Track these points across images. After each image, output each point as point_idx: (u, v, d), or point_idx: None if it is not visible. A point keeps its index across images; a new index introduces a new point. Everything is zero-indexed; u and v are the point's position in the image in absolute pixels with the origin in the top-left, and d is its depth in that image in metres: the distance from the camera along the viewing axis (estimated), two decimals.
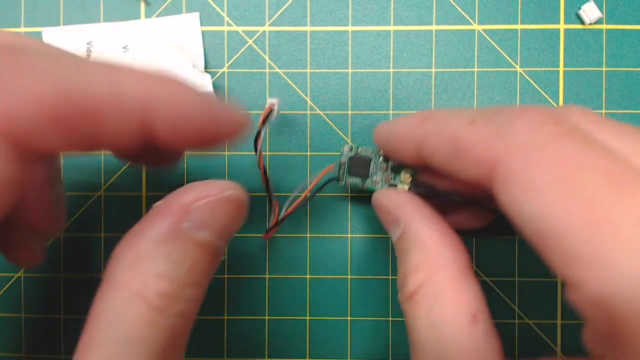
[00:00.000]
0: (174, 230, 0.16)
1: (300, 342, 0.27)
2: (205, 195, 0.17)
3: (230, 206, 0.17)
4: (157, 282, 0.15)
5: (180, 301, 0.16)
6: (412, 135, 0.20)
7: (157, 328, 0.15)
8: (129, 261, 0.16)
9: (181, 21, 0.28)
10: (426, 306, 0.18)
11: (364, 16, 0.28)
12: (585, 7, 0.27)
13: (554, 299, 0.27)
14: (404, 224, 0.20)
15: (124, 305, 0.15)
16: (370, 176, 0.24)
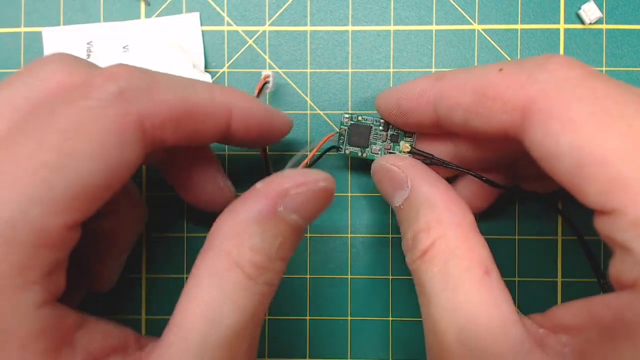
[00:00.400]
0: (270, 211, 0.18)
1: (300, 342, 0.27)
2: (302, 184, 0.19)
3: (321, 196, 0.19)
4: (253, 254, 0.18)
5: (269, 272, 0.18)
6: (429, 92, 0.20)
7: (249, 292, 0.18)
8: (230, 233, 0.18)
9: (181, 21, 0.28)
10: (440, 262, 0.18)
11: (364, 16, 0.28)
12: (585, 7, 0.27)
13: (554, 299, 0.27)
14: (412, 185, 0.21)
15: (224, 270, 0.18)
16: (369, 145, 0.24)
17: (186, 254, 0.27)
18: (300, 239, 0.20)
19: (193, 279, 0.18)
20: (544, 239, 0.27)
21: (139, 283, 0.28)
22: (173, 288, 0.27)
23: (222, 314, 0.17)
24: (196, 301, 0.17)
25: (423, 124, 0.22)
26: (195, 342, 0.17)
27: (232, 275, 0.18)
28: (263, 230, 0.18)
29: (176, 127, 0.18)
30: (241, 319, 0.17)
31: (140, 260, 0.28)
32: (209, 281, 0.18)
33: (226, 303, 0.17)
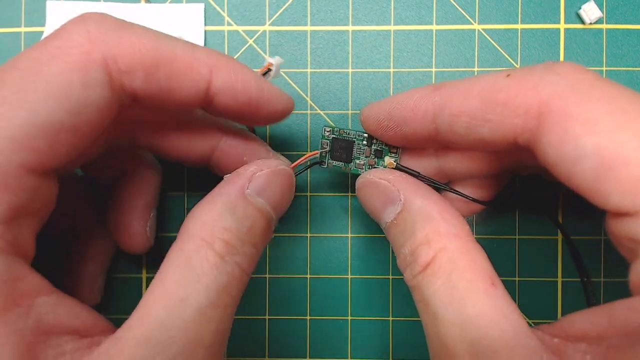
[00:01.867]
0: (239, 193, 0.19)
1: (300, 342, 0.27)
2: (264, 168, 0.20)
3: (282, 178, 0.21)
4: (223, 232, 0.18)
5: (239, 254, 0.18)
6: (427, 101, 0.19)
7: (218, 271, 0.18)
8: (201, 217, 0.18)
9: (185, 10, 0.28)
10: (443, 275, 0.18)
11: (364, 16, 0.28)
12: (585, 6, 0.27)
13: (554, 299, 0.27)
14: (406, 198, 0.20)
15: (193, 251, 0.18)
16: (352, 160, 0.24)
17: None
18: (271, 232, 0.21)
19: (164, 265, 0.18)
20: (544, 239, 0.27)
21: (139, 283, 0.28)
22: None
23: (188, 294, 0.17)
24: (163, 282, 0.17)
25: (417, 136, 0.21)
26: (156, 320, 0.16)
27: (201, 254, 0.18)
28: (233, 211, 0.19)
29: (147, 75, 0.18)
30: (208, 299, 0.17)
31: (140, 260, 0.28)
32: (176, 263, 0.17)
33: (192, 282, 0.17)
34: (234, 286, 0.18)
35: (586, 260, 0.26)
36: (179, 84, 0.18)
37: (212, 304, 0.17)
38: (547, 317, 0.27)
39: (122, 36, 0.17)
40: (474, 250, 0.18)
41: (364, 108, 0.22)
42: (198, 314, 0.17)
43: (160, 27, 0.27)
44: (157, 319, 0.16)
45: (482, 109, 0.18)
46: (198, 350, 0.17)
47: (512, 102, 0.17)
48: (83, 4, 0.27)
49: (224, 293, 0.18)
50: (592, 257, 0.27)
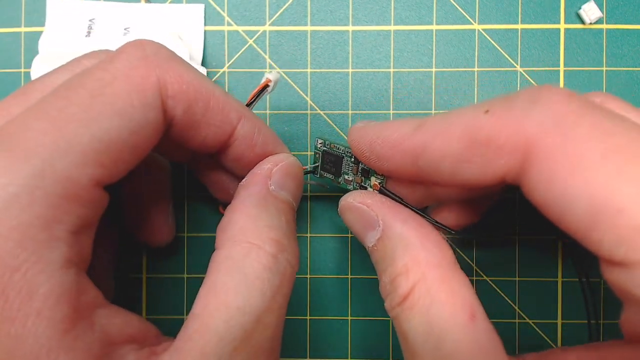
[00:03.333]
0: (266, 191, 0.20)
1: (301, 342, 0.27)
2: (278, 162, 0.21)
3: (295, 169, 0.21)
4: (269, 231, 0.18)
5: (287, 250, 0.18)
6: (408, 142, 0.18)
7: (272, 274, 0.17)
8: (240, 222, 0.18)
9: (185, 11, 0.28)
10: (421, 308, 0.17)
11: (364, 16, 0.28)
12: (585, 6, 0.27)
13: (554, 299, 0.27)
14: (384, 224, 0.19)
15: (244, 256, 0.17)
16: (342, 175, 0.23)
17: (186, 254, 0.27)
18: (295, 219, 0.21)
19: (212, 273, 0.18)
20: (544, 239, 0.27)
21: (139, 283, 0.28)
22: (173, 288, 0.27)
23: (245, 302, 0.17)
24: (216, 290, 0.17)
25: (399, 173, 0.20)
26: (216, 332, 0.16)
27: (253, 258, 0.17)
28: (267, 208, 0.19)
29: (188, 105, 0.18)
30: (264, 303, 0.17)
31: (140, 260, 0.28)
32: (228, 269, 0.17)
33: (248, 289, 0.17)
34: (286, 285, 0.18)
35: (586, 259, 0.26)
36: (210, 121, 0.19)
37: (268, 308, 0.17)
38: (547, 317, 0.27)
39: (173, 64, 0.18)
40: (455, 279, 0.18)
41: (352, 129, 0.21)
42: (256, 321, 0.17)
43: (161, 27, 0.27)
44: (217, 331, 0.16)
45: (465, 152, 0.16)
46: (258, 358, 0.17)
47: (495, 142, 0.16)
48: (83, 4, 0.27)
49: (278, 294, 0.18)
50: None
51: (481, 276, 0.27)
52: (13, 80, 0.28)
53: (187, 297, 0.27)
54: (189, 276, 0.27)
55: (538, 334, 0.27)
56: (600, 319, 0.27)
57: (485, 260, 0.27)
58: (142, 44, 0.18)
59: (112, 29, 0.27)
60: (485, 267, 0.27)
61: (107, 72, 0.17)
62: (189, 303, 0.27)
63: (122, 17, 0.27)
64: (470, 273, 0.27)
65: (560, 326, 0.27)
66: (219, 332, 0.16)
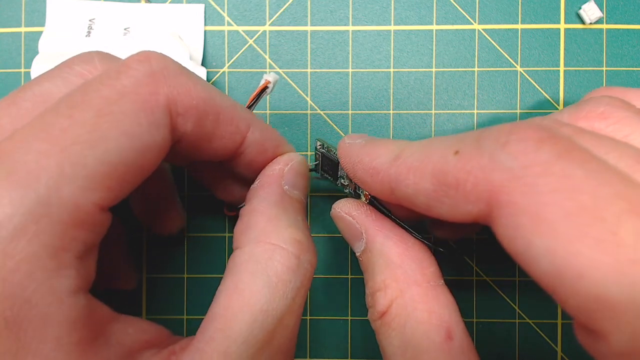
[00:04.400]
0: (282, 191, 0.20)
1: (300, 342, 0.27)
2: (288, 162, 0.21)
3: (303, 168, 0.22)
4: (291, 231, 0.18)
5: (308, 250, 0.18)
6: (384, 173, 0.18)
7: (295, 275, 0.17)
8: (260, 223, 0.18)
9: (185, 11, 0.28)
10: (398, 326, 0.17)
11: (364, 16, 0.28)
12: (585, 6, 0.27)
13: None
14: (367, 238, 0.19)
15: (267, 258, 0.17)
16: (338, 178, 0.23)
17: (186, 253, 0.27)
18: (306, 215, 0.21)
19: (234, 273, 0.17)
20: None
21: (139, 283, 0.27)
22: (173, 288, 0.27)
23: (269, 304, 0.17)
24: (239, 291, 0.17)
25: (381, 197, 0.19)
26: (240, 334, 0.16)
27: (277, 259, 0.17)
28: (285, 209, 0.19)
29: (198, 120, 0.18)
30: (287, 306, 0.17)
31: (140, 260, 0.28)
32: (251, 270, 0.17)
33: (272, 290, 0.17)
34: (306, 285, 0.18)
35: None
36: (220, 133, 0.19)
37: (290, 309, 0.17)
38: (546, 317, 0.27)
39: (181, 80, 0.18)
40: (434, 298, 0.17)
41: (339, 145, 0.21)
42: (279, 323, 0.17)
43: (161, 27, 0.27)
44: (241, 332, 0.16)
45: (435, 191, 0.16)
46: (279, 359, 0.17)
47: (462, 187, 0.15)
48: (83, 4, 0.27)
49: (298, 295, 0.18)
50: None
51: (481, 276, 0.27)
52: (13, 80, 0.28)
53: (187, 297, 0.27)
54: (189, 276, 0.27)
55: (538, 334, 0.27)
56: None
57: (485, 260, 0.27)
58: (148, 58, 0.17)
59: (112, 29, 0.27)
60: (485, 267, 0.27)
61: (114, 89, 0.16)
62: (189, 303, 0.27)
63: (122, 17, 0.27)
64: (470, 273, 0.27)
65: (560, 326, 0.27)
66: (243, 334, 0.16)
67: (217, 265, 0.27)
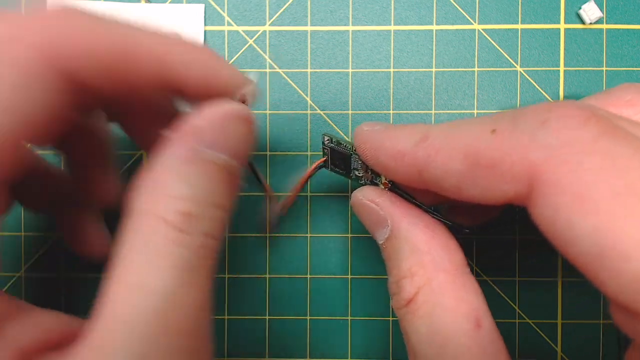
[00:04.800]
0: (188, 152, 0.16)
1: (300, 342, 0.27)
2: (212, 116, 0.17)
3: (237, 122, 0.18)
4: (179, 203, 0.16)
5: (204, 220, 0.16)
6: (411, 155, 0.17)
7: (182, 247, 0.15)
8: (150, 189, 0.16)
9: (185, 10, 0.28)
10: (424, 314, 0.17)
11: (364, 16, 0.28)
12: (585, 6, 0.27)
13: (554, 299, 0.27)
14: (393, 224, 0.19)
15: (148, 229, 0.16)
16: (352, 170, 0.22)
17: None
18: (237, 182, 0.18)
19: (122, 254, 0.16)
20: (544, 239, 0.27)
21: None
22: None
23: (154, 280, 0.15)
24: (118, 273, 0.15)
25: (405, 182, 0.19)
26: (122, 318, 0.15)
27: (158, 232, 0.15)
28: (186, 175, 0.16)
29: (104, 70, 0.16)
30: (177, 281, 0.15)
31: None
32: (130, 247, 0.15)
33: (155, 266, 0.15)
34: (205, 257, 0.16)
35: None
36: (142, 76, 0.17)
37: (183, 285, 0.15)
38: (546, 317, 0.27)
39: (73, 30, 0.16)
40: (462, 285, 0.17)
41: (356, 132, 0.20)
42: (170, 300, 0.15)
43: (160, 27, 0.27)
44: (123, 315, 0.15)
45: (468, 172, 0.15)
46: (177, 340, 0.15)
47: (499, 167, 0.14)
48: (83, 4, 0.27)
49: (194, 270, 0.16)
50: None
51: (481, 276, 0.27)
52: None
53: None
54: None
55: (538, 334, 0.27)
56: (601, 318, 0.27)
57: (485, 260, 0.27)
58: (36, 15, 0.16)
59: None
60: (485, 267, 0.27)
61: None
62: None
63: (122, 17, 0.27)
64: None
65: (560, 326, 0.27)
66: (125, 317, 0.15)
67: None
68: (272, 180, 0.27)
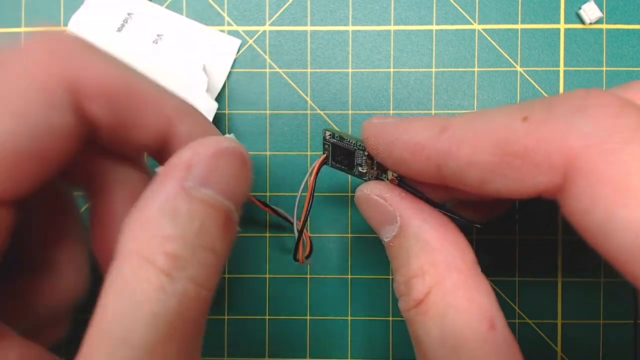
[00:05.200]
0: (177, 189, 0.15)
1: (300, 342, 0.27)
2: (203, 151, 0.16)
3: (230, 160, 0.16)
4: (165, 243, 0.14)
5: (191, 265, 0.15)
6: (431, 147, 0.16)
7: (165, 294, 0.14)
8: (137, 229, 0.15)
9: (221, 40, 0.27)
10: (437, 315, 0.16)
11: (364, 16, 0.28)
12: (585, 6, 0.27)
13: (554, 299, 0.27)
14: (402, 221, 0.18)
15: (132, 272, 0.14)
16: (355, 167, 0.21)
17: None
18: (234, 225, 0.17)
19: (100, 300, 0.14)
20: (544, 239, 0.27)
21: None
22: None
23: (132, 331, 0.13)
24: (100, 317, 0.14)
25: (420, 178, 0.18)
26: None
27: (142, 275, 0.14)
28: (174, 213, 0.15)
29: (112, 105, 0.16)
30: (158, 332, 0.14)
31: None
32: (115, 289, 0.14)
33: (136, 315, 0.14)
34: (192, 308, 0.15)
35: (586, 259, 0.27)
36: (142, 120, 0.17)
37: (165, 337, 0.14)
38: (546, 317, 0.27)
39: (88, 58, 0.16)
40: (475, 285, 0.16)
41: (366, 125, 0.19)
42: (150, 354, 0.14)
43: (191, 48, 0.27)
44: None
45: (497, 163, 0.15)
46: None
47: (533, 156, 0.14)
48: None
49: (179, 320, 0.14)
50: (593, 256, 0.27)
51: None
52: None
53: None
54: None
55: (538, 334, 0.27)
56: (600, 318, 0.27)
57: (485, 260, 0.27)
58: (51, 37, 0.16)
59: (145, 32, 0.27)
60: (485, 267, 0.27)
61: (5, 69, 0.15)
62: None
63: (159, 22, 0.27)
64: None
65: (560, 326, 0.27)
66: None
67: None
68: (272, 180, 0.27)
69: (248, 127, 0.27)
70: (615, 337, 0.27)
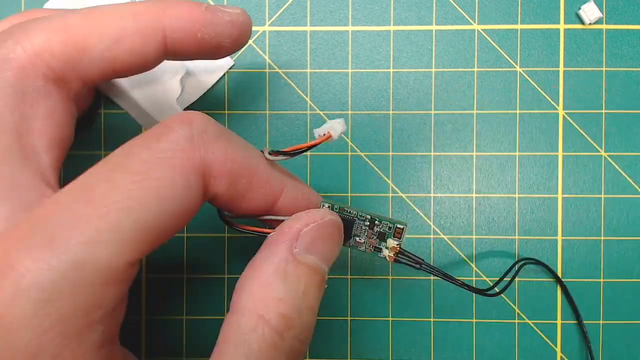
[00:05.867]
0: (288, 255, 0.18)
1: None
2: (311, 221, 0.19)
3: (331, 229, 0.20)
4: (278, 304, 0.17)
5: (297, 325, 0.17)
6: None
7: (277, 351, 0.17)
8: (253, 288, 0.17)
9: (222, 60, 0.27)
10: None
11: (364, 16, 0.28)
12: (585, 7, 0.27)
13: (554, 299, 0.27)
14: None
15: (250, 330, 0.17)
16: (352, 237, 0.22)
17: (186, 253, 0.27)
18: (324, 286, 0.19)
19: (218, 347, 0.17)
20: (544, 239, 0.27)
21: (139, 283, 0.27)
22: (173, 288, 0.27)
23: None
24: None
25: None
26: None
27: (259, 333, 0.17)
28: (284, 277, 0.18)
29: (231, 182, 0.18)
30: None
31: (140, 261, 0.28)
32: (234, 344, 0.17)
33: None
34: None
35: (587, 259, 0.27)
36: (254, 194, 0.19)
37: None
38: (546, 317, 0.27)
39: (219, 144, 0.18)
40: None
41: None
42: None
43: None
44: None
45: None
46: None
47: None
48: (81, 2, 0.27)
49: None
50: (595, 257, 0.27)
51: (481, 276, 0.27)
52: None
53: (187, 298, 0.27)
54: (188, 277, 0.27)
55: (538, 334, 0.27)
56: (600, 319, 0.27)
57: (485, 261, 0.27)
58: (190, 120, 0.17)
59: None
60: (486, 267, 0.27)
61: (153, 153, 0.16)
62: (188, 304, 0.27)
63: None
64: (470, 274, 0.27)
65: (560, 326, 0.27)
66: None
67: (217, 266, 0.27)
68: None
69: (248, 127, 0.28)
70: (615, 337, 0.27)
